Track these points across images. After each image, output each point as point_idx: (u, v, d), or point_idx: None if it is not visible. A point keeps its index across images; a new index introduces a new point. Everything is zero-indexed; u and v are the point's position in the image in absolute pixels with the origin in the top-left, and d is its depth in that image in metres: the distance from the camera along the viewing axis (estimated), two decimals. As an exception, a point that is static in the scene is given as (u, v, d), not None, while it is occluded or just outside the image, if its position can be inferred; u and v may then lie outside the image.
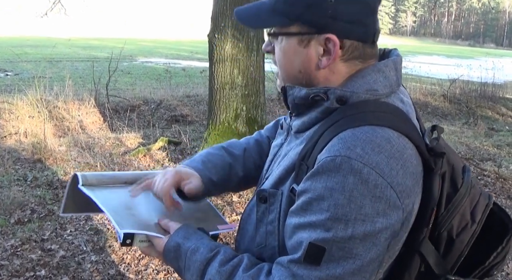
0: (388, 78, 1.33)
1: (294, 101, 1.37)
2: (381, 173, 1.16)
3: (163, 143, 8.07)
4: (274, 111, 12.31)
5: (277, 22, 1.35)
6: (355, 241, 1.15)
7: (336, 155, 1.17)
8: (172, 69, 22.30)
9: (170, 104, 12.19)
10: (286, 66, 1.39)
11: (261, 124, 6.90)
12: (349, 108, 1.27)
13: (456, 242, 1.29)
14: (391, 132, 1.22)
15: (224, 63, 6.54)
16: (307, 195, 1.20)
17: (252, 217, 1.45)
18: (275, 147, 1.56)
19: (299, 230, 1.21)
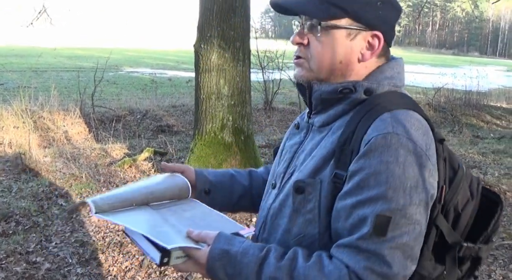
0: (400, 73, 1.55)
1: (320, 96, 1.52)
2: (421, 146, 1.34)
3: (149, 153, 8.04)
4: (260, 121, 12.33)
5: (332, 14, 1.45)
6: (413, 207, 1.30)
7: (385, 133, 1.33)
8: (158, 79, 22.27)
9: (156, 114, 12.16)
10: (326, 56, 1.49)
11: (247, 134, 6.89)
12: (377, 98, 1.46)
13: (462, 216, 1.49)
14: (416, 114, 1.42)
15: (210, 73, 6.53)
16: (362, 173, 1.33)
17: (285, 211, 1.52)
18: (293, 146, 1.65)
19: (359, 208, 1.32)
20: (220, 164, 6.61)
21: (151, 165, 7.60)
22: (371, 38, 1.48)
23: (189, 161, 6.74)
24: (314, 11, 1.46)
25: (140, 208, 1.59)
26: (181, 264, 1.45)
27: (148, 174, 7.24)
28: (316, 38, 1.49)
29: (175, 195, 1.72)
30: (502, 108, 17.38)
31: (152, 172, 7.35)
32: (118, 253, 4.88)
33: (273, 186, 1.66)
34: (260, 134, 10.91)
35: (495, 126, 14.69)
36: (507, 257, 5.07)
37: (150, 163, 7.71)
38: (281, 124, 12.34)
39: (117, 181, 6.86)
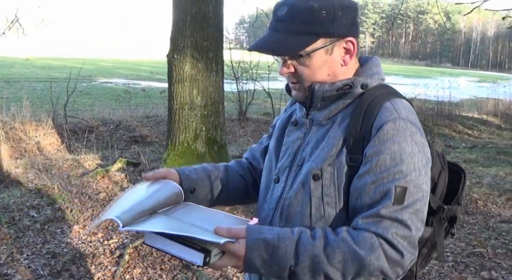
0: (381, 69, 1.79)
1: (323, 95, 1.70)
2: (419, 127, 1.64)
3: (121, 164, 7.98)
4: (234, 131, 12.33)
5: (307, 43, 1.63)
6: (421, 178, 1.57)
7: (394, 118, 1.58)
8: (131, 89, 22.15)
9: (129, 124, 12.10)
10: (315, 76, 1.70)
11: (220, 145, 6.90)
12: (373, 90, 1.69)
13: (438, 184, 1.79)
14: (406, 101, 1.71)
15: (183, 84, 6.53)
16: (380, 154, 1.55)
17: (301, 198, 1.69)
18: (295, 141, 1.81)
19: (380, 183, 1.54)
20: (193, 174, 6.59)
21: (124, 176, 7.55)
22: (345, 44, 1.68)
23: (162, 172, 6.70)
24: (292, 48, 1.65)
25: (155, 216, 1.63)
26: (218, 261, 1.52)
27: (121, 185, 7.19)
28: (300, 64, 1.68)
29: (173, 200, 1.77)
30: (474, 118, 17.59)
31: (125, 183, 7.30)
32: (90, 264, 4.84)
33: (276, 180, 1.82)
34: (234, 144, 10.91)
35: (467, 136, 14.85)
36: (478, 264, 5.13)
37: (123, 173, 7.65)
38: (255, 134, 12.35)
39: (90, 192, 6.80)
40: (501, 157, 10.94)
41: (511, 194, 7.67)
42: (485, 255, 5.38)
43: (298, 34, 1.63)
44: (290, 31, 1.64)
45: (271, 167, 1.90)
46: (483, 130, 15.89)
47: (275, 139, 1.95)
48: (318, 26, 1.62)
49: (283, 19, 1.65)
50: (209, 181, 1.99)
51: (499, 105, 20.11)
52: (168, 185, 1.82)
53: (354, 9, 1.69)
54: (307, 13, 1.61)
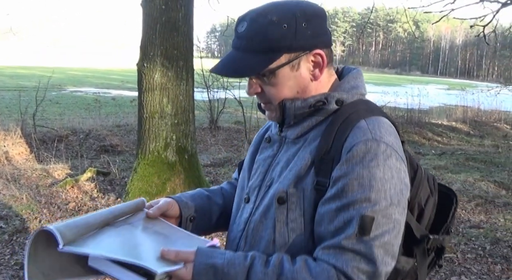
0: (362, 82, 1.66)
1: (295, 112, 1.57)
2: (396, 149, 1.47)
3: (91, 174, 7.93)
4: (205, 140, 12.31)
5: (269, 60, 1.51)
6: (393, 207, 1.41)
7: (366, 139, 1.43)
8: (102, 98, 22.05)
9: (99, 134, 12.01)
10: (283, 94, 1.57)
11: (191, 153, 6.87)
12: (349, 107, 1.55)
13: (425, 211, 1.64)
14: (387, 120, 1.55)
15: (153, 92, 6.50)
16: (346, 178, 1.41)
17: (267, 223, 1.57)
18: (266, 159, 1.70)
19: (344, 210, 1.40)
20: (164, 183, 6.57)
21: (94, 186, 7.49)
22: (313, 57, 1.54)
23: (132, 181, 6.68)
24: (254, 68, 1.53)
25: (103, 231, 1.51)
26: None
27: (91, 195, 7.13)
28: (265, 83, 1.56)
29: (132, 210, 1.67)
30: (443, 125, 17.78)
31: (95, 193, 7.24)
32: (58, 276, 4.78)
33: (247, 200, 1.69)
34: (205, 153, 10.89)
35: (436, 143, 15.00)
36: (448, 269, 5.17)
37: (92, 183, 7.59)
38: (226, 143, 12.35)
39: (59, 202, 6.73)
40: (470, 163, 11.08)
41: (480, 199, 7.78)
42: (455, 260, 5.43)
43: (258, 52, 1.51)
44: (250, 49, 1.52)
45: (243, 185, 1.77)
46: (452, 137, 16.07)
47: (249, 155, 1.83)
48: (279, 41, 1.49)
49: (242, 36, 1.53)
50: (208, 207, 1.88)
51: (468, 112, 20.35)
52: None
53: (320, 17, 1.55)
54: (266, 28, 1.49)
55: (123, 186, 7.38)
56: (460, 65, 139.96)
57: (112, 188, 7.54)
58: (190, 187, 6.74)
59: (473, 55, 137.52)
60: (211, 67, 1.62)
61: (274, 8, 1.52)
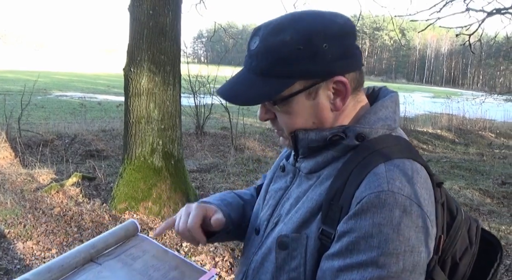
0: (395, 113, 1.38)
1: (308, 145, 1.35)
2: (419, 204, 1.19)
3: (77, 178, 7.88)
4: (192, 145, 12.29)
5: (282, 87, 1.28)
6: (405, 274, 1.15)
7: (380, 191, 1.17)
8: (87, 103, 21.99)
9: (85, 138, 11.96)
10: (296, 125, 1.35)
11: (177, 159, 6.85)
12: (371, 144, 1.30)
13: (460, 266, 1.34)
14: (415, 164, 1.27)
15: (140, 97, 6.48)
16: (352, 235, 1.18)
17: (267, 266, 1.38)
18: (278, 191, 1.50)
19: (346, 272, 1.18)
20: (150, 188, 6.55)
21: (79, 190, 7.44)
22: (334, 84, 1.29)
23: (118, 186, 6.65)
24: (262, 96, 1.31)
25: (83, 271, 1.38)
26: None
27: (76, 200, 7.08)
28: (281, 111, 1.34)
29: (121, 237, 1.54)
30: (428, 133, 17.85)
31: (80, 198, 7.19)
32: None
33: (257, 232, 1.52)
34: (192, 158, 10.86)
35: (422, 151, 15.06)
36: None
37: (78, 188, 7.54)
38: (212, 148, 12.33)
39: (44, 207, 6.68)
40: (455, 171, 11.15)
41: (465, 207, 7.81)
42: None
43: (269, 77, 1.28)
44: (261, 72, 1.29)
45: (257, 213, 1.58)
46: (438, 145, 16.14)
47: (267, 181, 1.63)
48: (292, 66, 1.25)
49: (253, 55, 1.31)
50: (244, 217, 1.68)
51: (453, 120, 20.46)
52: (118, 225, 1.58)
53: (346, 36, 1.30)
54: (278, 49, 1.26)
55: (109, 191, 7.34)
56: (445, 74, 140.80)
57: (98, 193, 7.50)
58: (176, 193, 6.74)
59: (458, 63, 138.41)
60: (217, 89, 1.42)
61: (290, 23, 1.28)
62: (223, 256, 5.35)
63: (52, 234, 5.85)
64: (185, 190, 6.91)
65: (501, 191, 9.31)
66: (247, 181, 8.97)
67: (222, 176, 9.24)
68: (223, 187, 8.22)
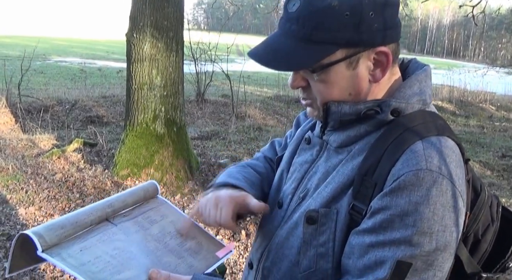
0: (429, 87, 1.34)
1: (340, 118, 1.31)
2: (455, 183, 1.17)
3: (78, 144, 7.86)
4: (193, 112, 12.26)
5: (323, 54, 1.22)
6: (437, 253, 1.14)
7: (418, 169, 1.15)
8: (87, 69, 21.90)
9: (86, 104, 11.92)
10: (333, 95, 1.29)
11: (179, 126, 6.83)
12: (406, 120, 1.26)
13: (481, 242, 1.33)
14: (451, 142, 1.24)
15: (142, 63, 6.43)
16: (387, 212, 1.16)
17: (292, 241, 1.35)
18: (303, 164, 1.45)
19: (377, 249, 1.16)
20: (152, 155, 6.54)
21: (81, 157, 7.44)
22: (376, 55, 1.25)
23: (120, 153, 6.63)
24: (301, 62, 1.24)
25: (98, 231, 1.33)
26: None
27: (78, 166, 7.07)
28: (317, 79, 1.27)
29: (140, 198, 1.50)
30: (429, 104, 17.82)
31: (82, 164, 7.18)
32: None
33: (280, 205, 1.47)
34: (192, 126, 10.85)
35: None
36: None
37: (79, 154, 7.53)
38: (213, 116, 12.30)
39: (45, 173, 6.67)
40: (455, 143, 11.13)
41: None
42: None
43: (309, 42, 1.21)
44: (300, 37, 1.22)
45: (279, 186, 1.54)
46: (438, 116, 16.13)
47: (289, 152, 1.58)
48: (337, 32, 1.19)
49: (293, 18, 1.23)
50: (263, 193, 1.61)
51: (454, 92, 20.38)
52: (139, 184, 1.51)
53: (392, 5, 1.25)
54: (323, 14, 1.19)
55: (111, 157, 7.34)
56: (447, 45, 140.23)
57: (99, 159, 7.49)
58: (178, 160, 6.73)
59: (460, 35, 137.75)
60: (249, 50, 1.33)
61: None
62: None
63: (54, 200, 5.85)
64: (187, 157, 6.90)
65: (501, 163, 9.35)
66: (248, 149, 8.96)
67: (224, 144, 9.24)
68: (224, 155, 8.21)
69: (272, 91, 16.88)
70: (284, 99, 14.52)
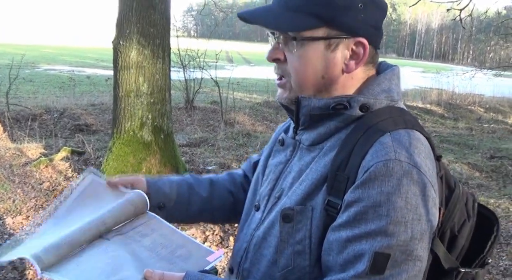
0: (397, 85, 1.40)
1: (310, 112, 1.34)
2: (425, 173, 1.21)
3: (66, 153, 7.85)
4: (181, 120, 12.24)
5: (306, 25, 1.28)
6: (414, 242, 1.17)
7: (387, 159, 1.18)
8: (76, 77, 21.76)
9: (74, 113, 11.87)
10: (307, 72, 1.33)
11: (167, 133, 6.82)
12: (375, 115, 1.30)
13: (458, 238, 1.37)
14: (419, 134, 1.29)
15: (129, 71, 6.42)
16: (360, 204, 1.18)
17: (270, 240, 1.37)
18: (278, 165, 1.48)
19: (355, 242, 1.18)
20: (139, 163, 6.53)
21: (68, 165, 7.41)
22: (354, 45, 1.31)
23: (107, 161, 6.62)
24: (286, 24, 1.30)
25: (92, 247, 1.38)
26: None
27: (65, 175, 7.05)
28: (292, 53, 1.32)
29: (131, 214, 1.52)
30: (418, 107, 17.87)
31: (69, 172, 7.16)
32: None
33: (257, 208, 1.50)
34: (181, 133, 10.83)
35: (412, 125, 15.10)
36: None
37: (67, 163, 7.51)
38: (202, 122, 12.29)
39: (33, 182, 6.65)
40: (444, 145, 11.20)
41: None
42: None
43: (298, 12, 1.28)
44: (290, 7, 1.29)
45: (255, 189, 1.58)
46: (427, 119, 16.18)
47: (264, 156, 1.62)
48: (326, 9, 1.26)
49: None
50: (187, 196, 1.69)
51: (443, 95, 20.50)
52: (126, 198, 1.54)
53: (380, 10, 1.33)
54: None
55: (98, 165, 7.32)
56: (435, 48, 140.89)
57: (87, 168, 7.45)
58: (166, 167, 6.72)
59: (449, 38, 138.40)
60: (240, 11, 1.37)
61: None
62: (213, 230, 5.36)
63: (42, 209, 5.84)
64: (175, 165, 6.90)
65: (489, 165, 9.40)
66: (237, 155, 8.96)
67: (212, 151, 9.23)
68: (213, 162, 8.20)
69: (261, 97, 16.88)
70: (273, 105, 14.52)
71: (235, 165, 8.05)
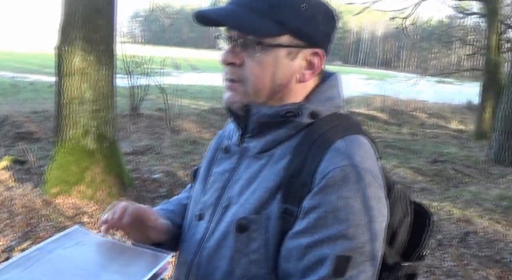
0: (340, 92, 1.43)
1: (259, 120, 1.34)
2: (375, 176, 1.26)
3: (7, 162, 7.67)
4: (126, 127, 12.09)
5: (273, 31, 1.29)
6: (371, 243, 1.21)
7: (344, 165, 1.21)
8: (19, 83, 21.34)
9: (16, 120, 11.62)
10: (266, 79, 1.32)
11: (111, 141, 6.73)
12: (324, 122, 1.33)
13: (398, 234, 1.42)
14: (366, 139, 1.33)
15: (72, 77, 6.31)
16: (320, 210, 1.20)
17: (223, 252, 1.33)
18: (223, 174, 1.44)
19: (316, 248, 1.20)
20: (83, 171, 6.41)
21: (10, 175, 7.24)
22: (311, 56, 1.33)
23: (50, 169, 6.48)
24: (253, 27, 1.28)
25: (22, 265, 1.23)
26: None
27: (7, 184, 6.87)
28: (252, 58, 1.31)
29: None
30: (363, 114, 18.11)
31: (11, 182, 6.98)
32: None
33: (200, 218, 1.45)
34: (126, 140, 10.70)
35: (357, 132, 15.30)
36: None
37: (9, 172, 7.34)
38: (148, 130, 12.17)
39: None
40: (388, 151, 11.38)
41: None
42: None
43: (264, 16, 1.27)
44: (255, 10, 1.28)
45: (197, 198, 1.52)
46: (372, 126, 16.40)
47: (205, 163, 1.57)
48: (292, 17, 1.28)
49: None
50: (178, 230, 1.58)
51: (387, 101, 20.88)
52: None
53: (334, 21, 1.37)
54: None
55: (41, 175, 7.15)
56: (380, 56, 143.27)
57: (30, 177, 7.30)
58: (110, 176, 6.63)
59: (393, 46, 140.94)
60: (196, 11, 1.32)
61: None
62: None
63: (-19, 220, 5.66)
64: (119, 173, 6.81)
65: (432, 169, 9.62)
66: (183, 163, 8.89)
67: (158, 158, 9.15)
68: (158, 170, 8.13)
69: (208, 104, 16.85)
70: (220, 112, 14.49)
71: (181, 173, 8.00)
